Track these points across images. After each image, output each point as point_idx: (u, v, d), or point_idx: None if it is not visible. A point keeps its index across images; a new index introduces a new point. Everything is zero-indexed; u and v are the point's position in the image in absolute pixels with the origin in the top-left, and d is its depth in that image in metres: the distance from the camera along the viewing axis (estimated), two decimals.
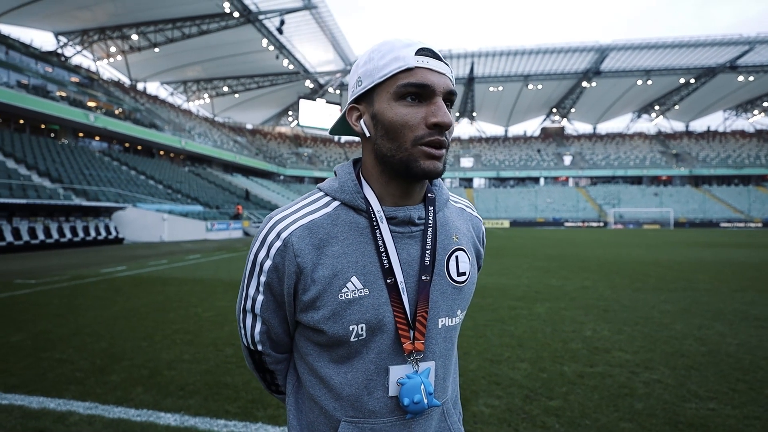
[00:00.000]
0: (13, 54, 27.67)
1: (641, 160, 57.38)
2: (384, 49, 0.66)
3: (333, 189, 0.73)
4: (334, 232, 0.69)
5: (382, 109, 0.66)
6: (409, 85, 0.63)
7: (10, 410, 2.61)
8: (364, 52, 0.71)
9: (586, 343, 3.97)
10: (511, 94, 58.03)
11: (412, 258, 0.70)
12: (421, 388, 0.66)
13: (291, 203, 0.73)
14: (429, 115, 0.64)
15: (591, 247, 16.20)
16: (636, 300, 6.02)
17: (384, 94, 0.66)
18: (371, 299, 0.67)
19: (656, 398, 2.76)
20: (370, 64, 0.67)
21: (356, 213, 0.70)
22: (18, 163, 19.14)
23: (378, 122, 0.67)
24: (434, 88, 0.64)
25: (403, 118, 0.64)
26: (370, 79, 0.66)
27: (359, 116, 0.71)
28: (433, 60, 0.65)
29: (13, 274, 8.55)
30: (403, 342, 0.67)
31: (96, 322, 4.71)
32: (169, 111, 44.08)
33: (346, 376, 0.68)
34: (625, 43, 43.84)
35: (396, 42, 0.66)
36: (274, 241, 0.68)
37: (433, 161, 0.65)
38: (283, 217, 0.70)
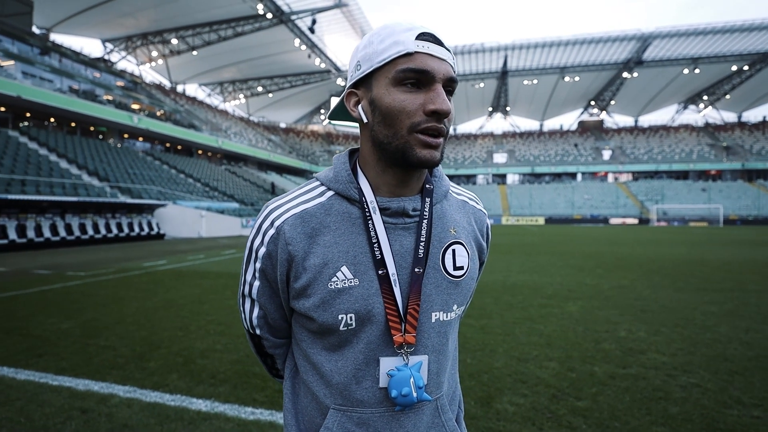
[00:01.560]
0: (66, 61, 29.53)
1: (687, 154, 54.21)
2: (384, 33, 0.65)
3: (328, 179, 0.73)
4: (326, 221, 0.69)
5: (380, 95, 0.65)
6: (408, 70, 0.62)
7: (60, 391, 2.81)
8: (364, 37, 0.69)
9: (620, 344, 3.82)
10: (546, 87, 56.27)
11: (405, 250, 0.69)
12: (411, 381, 0.65)
13: (289, 192, 0.74)
14: (427, 101, 0.62)
15: (630, 245, 15.51)
16: (677, 300, 5.72)
17: (382, 80, 0.64)
18: (361, 289, 0.66)
19: (694, 403, 2.62)
20: (369, 48, 0.65)
21: (349, 203, 0.70)
22: (70, 164, 20.45)
23: (375, 108, 0.66)
24: (434, 75, 0.63)
25: (401, 104, 0.63)
26: (369, 63, 0.65)
27: (357, 101, 0.69)
28: (433, 45, 0.63)
29: (66, 267, 9.16)
30: (394, 334, 0.66)
31: (138, 312, 4.98)
32: (206, 112, 45.75)
33: (336, 364, 0.68)
34: (670, 30, 41.51)
35: (396, 26, 0.65)
36: (268, 228, 0.69)
37: (429, 150, 0.64)
38: (278, 205, 0.71)
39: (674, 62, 47.94)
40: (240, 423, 2.39)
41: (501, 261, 10.45)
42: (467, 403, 2.63)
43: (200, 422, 2.40)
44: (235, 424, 2.38)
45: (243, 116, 56.79)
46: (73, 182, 17.55)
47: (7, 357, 3.46)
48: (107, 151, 24.86)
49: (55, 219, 14.99)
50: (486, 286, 6.87)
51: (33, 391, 2.80)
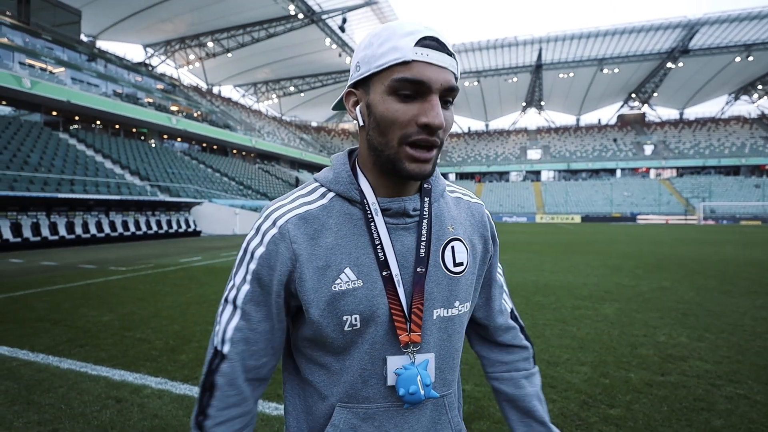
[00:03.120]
0: (110, 67, 31.14)
1: (739, 148, 50.78)
2: (384, 35, 0.62)
3: (328, 180, 0.72)
4: (328, 223, 0.68)
5: (375, 101, 0.63)
6: (403, 80, 0.59)
7: (98, 380, 2.96)
8: (365, 36, 0.67)
9: (659, 350, 3.62)
10: (583, 80, 54.29)
11: (407, 249, 0.69)
12: (418, 379, 0.67)
13: (288, 193, 0.73)
14: (420, 113, 0.60)
15: (673, 245, 14.72)
16: (724, 304, 5.36)
17: (379, 85, 0.62)
18: (365, 290, 0.66)
19: (740, 416, 2.44)
20: (369, 50, 0.63)
21: (351, 204, 0.69)
22: (114, 164, 21.58)
23: (371, 113, 0.64)
24: (430, 85, 0.60)
25: (393, 114, 0.61)
26: (367, 66, 0.63)
27: (356, 102, 0.68)
28: (433, 52, 0.60)
29: (109, 262, 9.67)
30: (399, 334, 0.67)
31: (172, 307, 5.18)
32: (240, 112, 47.09)
33: (343, 363, 0.68)
34: (720, 15, 38.93)
35: (398, 28, 0.62)
36: (269, 228, 0.67)
37: (419, 164, 0.63)
38: (279, 206, 0.70)
39: (724, 50, 44.98)
40: (264, 418, 2.43)
41: (533, 260, 10.16)
42: (491, 407, 2.56)
43: None
44: (259, 418, 2.42)
45: (276, 116, 58.09)
46: (117, 182, 18.50)
47: (53, 347, 3.68)
48: (148, 151, 26.05)
49: (100, 216, 15.85)
50: (517, 285, 6.69)
51: (74, 380, 2.96)
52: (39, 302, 5.39)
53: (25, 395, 2.71)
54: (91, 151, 21.92)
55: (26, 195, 13.18)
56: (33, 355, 3.48)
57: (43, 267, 8.81)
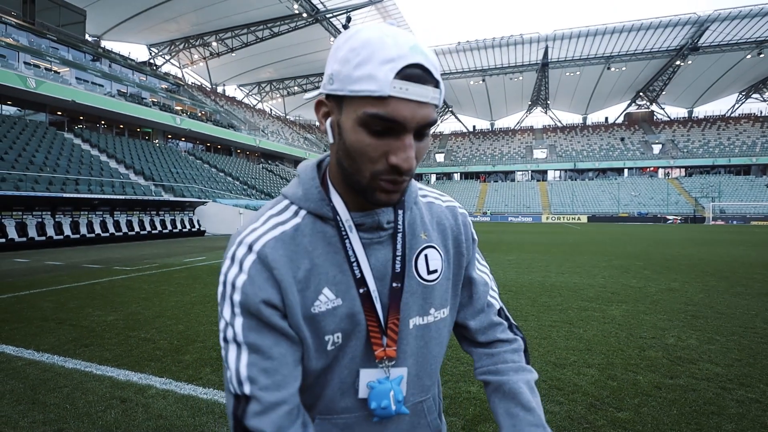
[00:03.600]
0: (115, 66, 31.33)
1: (749, 147, 50.20)
2: (362, 55, 0.54)
3: (297, 197, 0.68)
4: (303, 243, 0.65)
5: (346, 126, 0.58)
6: (376, 116, 0.54)
7: (102, 380, 2.95)
8: (343, 38, 0.59)
9: (668, 352, 3.56)
10: (590, 78, 53.90)
11: (381, 263, 0.68)
12: (390, 394, 0.66)
13: (257, 215, 0.68)
14: (391, 152, 0.57)
15: (682, 245, 14.57)
16: (734, 306, 5.28)
17: (351, 111, 0.57)
18: (345, 308, 0.65)
19: (752, 420, 2.39)
20: (345, 68, 0.56)
21: (323, 222, 0.66)
22: (118, 163, 21.70)
23: (342, 135, 0.59)
24: (405, 125, 0.55)
25: (364, 149, 0.57)
26: (341, 85, 0.57)
27: (327, 113, 0.62)
28: (414, 86, 0.54)
29: (114, 262, 9.71)
30: (375, 349, 0.66)
31: (176, 307, 5.18)
32: (245, 112, 47.21)
33: (324, 378, 0.68)
34: (730, 12, 38.43)
35: (378, 50, 0.54)
36: (245, 255, 0.63)
37: (388, 194, 0.60)
38: (251, 230, 0.65)
39: (735, 47, 44.44)
40: None
41: (539, 261, 10.09)
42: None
43: None
44: None
45: (280, 115, 58.23)
46: (122, 181, 18.60)
47: (58, 346, 3.68)
48: (152, 151, 26.19)
49: (105, 216, 15.94)
50: (522, 287, 6.64)
51: (78, 379, 2.96)
52: (44, 302, 5.41)
53: (30, 395, 2.71)
54: (96, 151, 22.06)
55: (31, 194, 13.28)
56: (38, 354, 3.48)
57: (48, 266, 8.86)
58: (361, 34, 0.56)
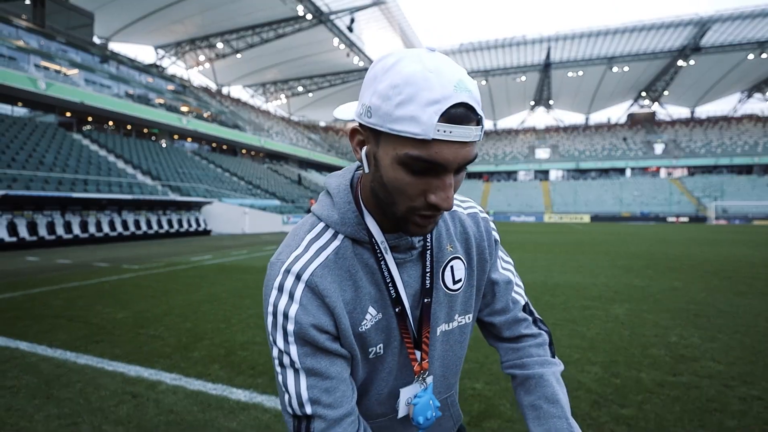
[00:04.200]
0: (122, 68, 31.55)
1: (752, 146, 49.93)
2: (405, 93, 0.53)
3: (333, 221, 0.69)
4: (346, 266, 0.67)
5: (384, 162, 0.58)
6: (418, 158, 0.54)
7: (114, 375, 3.02)
8: (382, 67, 0.57)
9: (670, 350, 3.59)
10: (592, 78, 53.77)
11: (413, 280, 0.72)
12: (431, 403, 0.73)
13: (293, 240, 0.70)
14: (430, 190, 0.57)
15: (685, 245, 14.54)
16: (737, 305, 5.30)
17: (389, 147, 0.57)
18: (384, 322, 0.70)
19: (754, 417, 2.42)
20: (385, 105, 0.55)
21: (360, 245, 0.69)
22: (126, 164, 21.86)
23: (378, 169, 0.60)
24: (447, 167, 0.55)
25: (403, 187, 0.58)
26: (380, 121, 0.56)
27: (362, 142, 0.63)
28: (458, 128, 0.53)
29: (122, 260, 9.81)
30: (413, 364, 0.72)
31: (184, 305, 5.25)
32: (249, 112, 47.39)
33: (363, 388, 0.73)
34: (732, 12, 38.27)
35: (422, 89, 0.52)
36: (295, 284, 0.64)
37: (423, 228, 0.63)
38: (295, 258, 0.66)
39: (737, 47, 44.22)
40: (277, 414, 2.46)
41: (542, 260, 10.11)
42: (501, 405, 2.58)
43: (239, 411, 2.49)
44: (272, 414, 2.46)
45: (284, 116, 58.38)
46: (129, 181, 18.75)
47: (70, 342, 3.76)
48: (159, 151, 26.36)
49: (113, 216, 16.08)
50: (526, 286, 6.60)
51: (91, 375, 3.03)
52: (55, 299, 5.50)
53: (44, 389, 2.78)
54: (104, 152, 22.23)
55: (42, 194, 13.43)
56: (51, 350, 3.56)
57: (58, 265, 8.97)
58: (403, 68, 0.54)
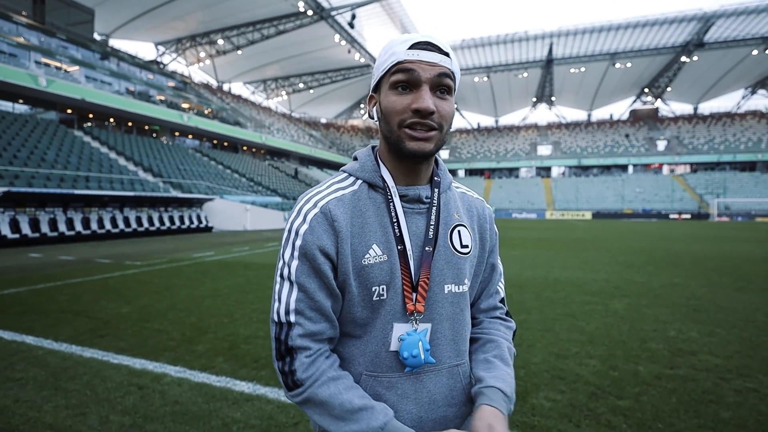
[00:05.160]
0: (123, 65, 31.54)
1: (755, 143, 49.72)
2: (387, 47, 0.77)
3: (355, 169, 0.85)
4: (359, 205, 0.80)
5: (382, 98, 0.78)
6: (399, 80, 0.74)
7: (119, 368, 3.07)
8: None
9: (668, 344, 3.63)
10: (594, 74, 53.56)
11: (419, 231, 0.80)
12: (419, 344, 0.76)
13: (322, 184, 0.84)
14: (413, 101, 0.73)
15: (686, 242, 14.55)
16: (736, 301, 5.33)
17: (385, 86, 0.77)
18: (389, 264, 0.77)
19: (749, 408, 2.46)
20: (379, 60, 0.78)
21: (374, 190, 0.82)
22: (127, 161, 21.91)
23: (380, 109, 0.78)
24: (419, 78, 0.73)
25: (392, 105, 0.75)
26: (377, 72, 0.78)
27: (375, 103, 0.82)
28: (423, 52, 0.73)
29: (124, 257, 9.88)
30: (407, 303, 0.77)
31: (187, 300, 5.30)
32: (250, 109, 47.36)
33: (369, 333, 0.78)
34: (737, 7, 38.04)
35: (397, 39, 0.76)
36: (310, 209, 0.78)
37: (418, 142, 0.74)
38: (317, 192, 0.81)
39: (741, 43, 43.96)
40: (279, 405, 2.51)
41: (543, 257, 10.14)
42: None
43: (243, 402, 2.54)
44: (275, 405, 2.51)
45: (285, 113, 58.31)
46: (130, 178, 18.81)
47: (76, 336, 3.81)
48: (160, 148, 26.39)
49: (115, 212, 16.14)
50: (527, 281, 6.71)
51: (97, 368, 3.08)
52: (60, 295, 5.56)
53: (52, 381, 2.83)
54: (105, 149, 22.28)
55: (44, 191, 13.48)
56: (57, 344, 3.61)
57: (61, 261, 9.04)
58: (389, 40, 0.78)
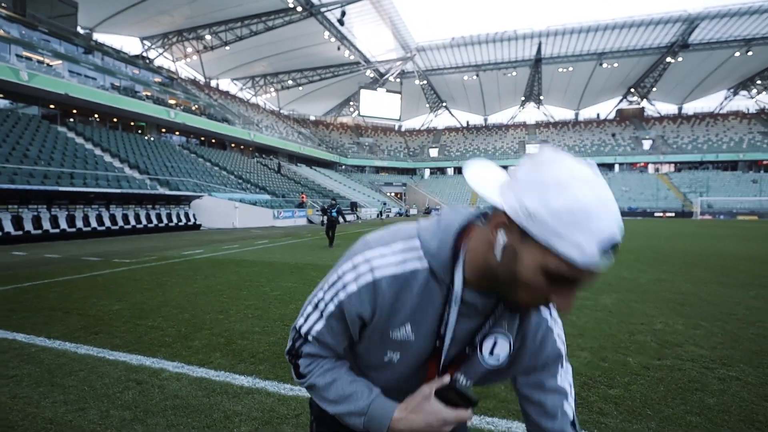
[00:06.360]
0: (107, 59, 30.95)
1: (737, 143, 50.99)
2: (579, 221, 0.57)
3: (428, 249, 0.74)
4: (413, 287, 0.75)
5: (525, 262, 0.62)
6: (565, 276, 0.61)
7: (116, 364, 3.06)
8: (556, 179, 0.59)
9: (656, 336, 3.75)
10: (582, 74, 54.25)
11: (464, 331, 0.79)
12: None
13: (391, 237, 0.78)
14: (556, 294, 0.64)
15: (672, 239, 14.89)
16: (720, 295, 5.51)
17: (537, 254, 0.61)
18: (414, 345, 0.79)
19: (732, 395, 2.57)
20: (554, 222, 0.58)
21: (437, 281, 0.75)
22: (113, 157, 21.55)
23: (512, 259, 0.64)
24: (582, 284, 0.62)
25: (535, 289, 0.64)
26: (542, 233, 0.60)
27: (502, 227, 0.66)
28: (607, 261, 0.59)
29: (112, 255, 9.75)
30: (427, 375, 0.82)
31: (180, 297, 5.28)
32: (239, 106, 46.90)
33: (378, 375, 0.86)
34: (720, 9, 38.88)
35: (595, 221, 0.57)
36: (365, 272, 0.75)
37: (530, 311, 0.76)
38: (380, 254, 0.76)
39: (724, 44, 44.99)
40: (280, 398, 2.54)
41: None
42: (495, 387, 2.68)
43: (244, 396, 2.56)
44: (276, 398, 2.53)
45: (274, 110, 57.87)
46: (116, 175, 18.51)
47: (68, 333, 3.78)
48: (146, 145, 26.01)
49: (101, 210, 15.89)
50: None
51: (93, 364, 3.06)
52: (49, 292, 5.48)
53: (48, 378, 2.82)
54: (90, 145, 21.87)
55: (27, 188, 13.21)
56: (50, 341, 3.57)
57: (47, 259, 8.88)
58: (579, 194, 0.57)
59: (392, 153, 64.58)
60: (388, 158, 62.52)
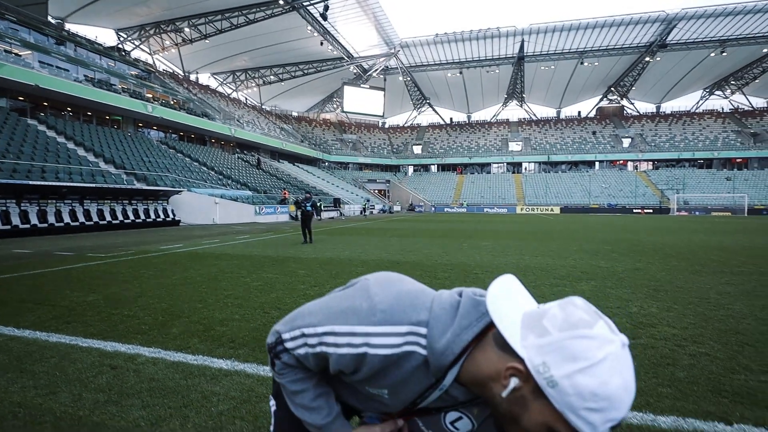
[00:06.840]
0: (81, 51, 29.98)
1: (712, 141, 52.71)
2: (601, 407, 0.59)
3: (434, 347, 0.73)
4: (403, 364, 0.77)
5: (531, 415, 0.65)
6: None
7: (90, 351, 2.98)
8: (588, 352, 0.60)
9: (631, 318, 3.84)
10: (564, 72, 55.15)
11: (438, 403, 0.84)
12: None
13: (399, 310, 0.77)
14: None
15: (648, 233, 15.30)
16: (692, 282, 5.68)
17: (547, 413, 0.63)
18: (386, 402, 0.85)
19: (701, 369, 2.65)
20: (577, 401, 0.59)
21: (427, 368, 0.77)
22: (87, 151, 20.91)
23: (520, 407, 0.66)
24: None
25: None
26: (560, 403, 0.61)
27: (515, 375, 0.66)
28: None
29: (87, 249, 9.47)
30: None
31: (158, 288, 5.16)
32: (219, 101, 46.06)
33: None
34: (697, 10, 40.04)
35: (616, 409, 0.59)
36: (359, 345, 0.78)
37: None
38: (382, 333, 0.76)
39: (700, 45, 46.41)
40: (259, 379, 2.51)
41: (514, 246, 10.44)
42: None
43: (222, 377, 2.52)
44: (255, 379, 2.50)
45: (255, 105, 57.05)
46: (91, 169, 17.98)
47: (39, 323, 3.65)
48: (123, 139, 25.33)
49: (74, 205, 15.41)
50: (497, 267, 6.90)
51: (65, 351, 2.97)
52: (18, 285, 5.29)
53: (16, 364, 2.72)
54: (62, 138, 21.17)
55: None
56: (19, 331, 3.45)
57: (16, 254, 8.58)
58: (610, 382, 0.59)
59: (376, 150, 64.47)
60: (372, 155, 62.39)
